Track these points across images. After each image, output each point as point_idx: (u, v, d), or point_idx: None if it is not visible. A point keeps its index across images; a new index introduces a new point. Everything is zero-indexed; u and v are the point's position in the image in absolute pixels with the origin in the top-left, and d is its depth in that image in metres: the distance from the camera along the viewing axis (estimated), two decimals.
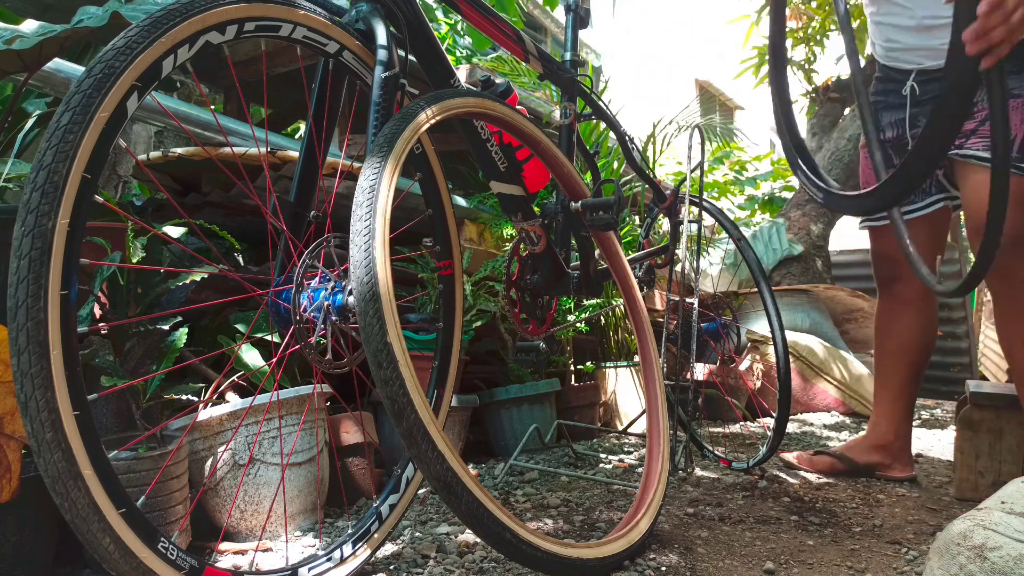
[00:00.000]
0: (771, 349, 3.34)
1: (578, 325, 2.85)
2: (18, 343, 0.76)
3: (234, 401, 1.51)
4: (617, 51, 12.53)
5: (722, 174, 6.13)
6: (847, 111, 4.73)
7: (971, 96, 1.07)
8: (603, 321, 3.13)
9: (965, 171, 1.48)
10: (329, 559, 1.14)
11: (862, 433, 2.11)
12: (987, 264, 1.09)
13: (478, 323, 2.35)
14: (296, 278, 1.05)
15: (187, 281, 1.46)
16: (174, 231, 1.54)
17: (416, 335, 2.10)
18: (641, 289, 1.97)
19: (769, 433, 2.06)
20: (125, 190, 2.57)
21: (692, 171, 2.13)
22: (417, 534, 1.43)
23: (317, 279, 1.07)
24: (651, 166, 3.12)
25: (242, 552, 1.37)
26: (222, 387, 1.52)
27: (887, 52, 1.59)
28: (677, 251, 2.14)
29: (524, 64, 1.81)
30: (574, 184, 1.49)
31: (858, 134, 4.54)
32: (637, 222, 3.35)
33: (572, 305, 2.73)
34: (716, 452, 2.24)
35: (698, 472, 2.04)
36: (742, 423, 3.14)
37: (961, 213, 1.65)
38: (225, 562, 1.33)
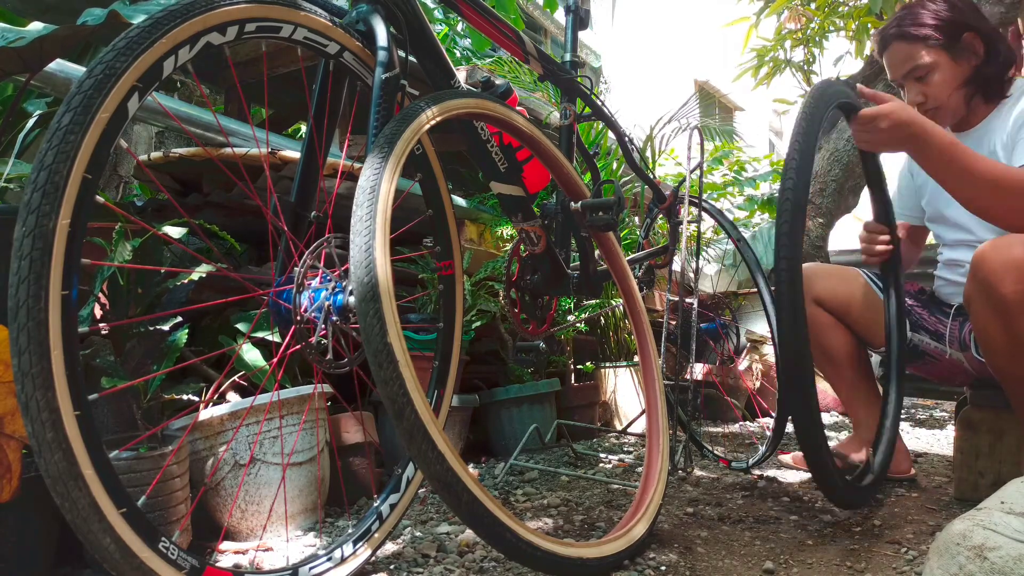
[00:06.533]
0: (770, 349, 3.34)
1: (578, 325, 2.85)
2: (19, 343, 0.76)
3: (235, 401, 1.52)
4: (617, 52, 12.53)
5: (721, 175, 6.11)
6: None
7: None
8: (603, 321, 3.13)
9: None
10: (330, 558, 1.14)
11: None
12: None
13: (478, 323, 2.35)
14: (297, 278, 1.06)
15: (187, 280, 1.46)
16: (175, 231, 1.54)
17: (416, 335, 2.10)
18: (641, 289, 1.97)
19: (768, 433, 2.06)
20: (126, 190, 2.57)
21: (692, 172, 2.14)
22: (417, 533, 1.43)
23: (318, 279, 1.07)
24: (651, 167, 3.13)
25: (243, 552, 1.38)
26: (223, 387, 1.52)
27: (939, 288, 1.91)
28: (676, 252, 2.14)
29: (524, 65, 1.82)
30: (574, 185, 1.49)
31: None
32: (637, 223, 3.35)
33: (572, 305, 2.74)
34: (716, 452, 2.24)
35: (698, 472, 2.05)
36: (741, 423, 3.15)
37: None
38: (226, 561, 1.34)
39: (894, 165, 2.07)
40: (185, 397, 1.44)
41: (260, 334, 1.64)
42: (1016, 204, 1.45)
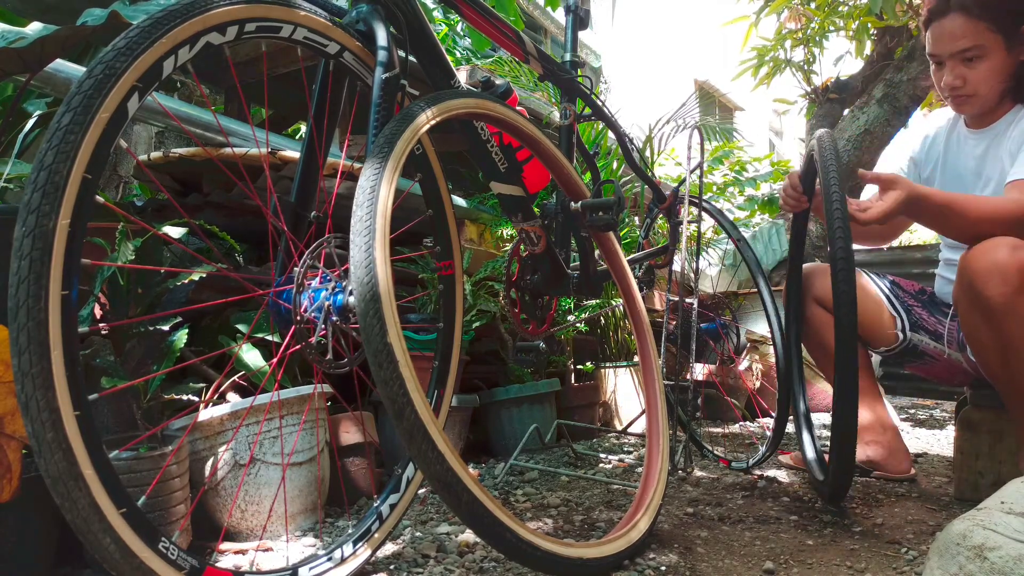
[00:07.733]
0: (770, 349, 3.34)
1: (578, 325, 2.85)
2: (19, 343, 0.76)
3: (235, 401, 1.52)
4: (617, 52, 12.54)
5: (721, 175, 6.11)
6: (846, 112, 4.72)
7: None
8: (603, 321, 3.13)
9: None
10: (329, 559, 1.14)
11: None
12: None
13: (478, 323, 2.35)
14: (297, 278, 1.06)
15: (187, 280, 1.46)
16: (175, 231, 1.54)
17: (416, 335, 2.10)
18: (641, 289, 1.97)
19: (768, 433, 2.06)
20: (126, 190, 2.57)
21: (692, 171, 2.14)
22: (417, 534, 1.43)
23: (318, 279, 1.07)
24: (650, 167, 3.13)
25: (243, 552, 1.38)
26: (223, 387, 1.52)
27: (938, 288, 1.91)
28: (676, 251, 2.14)
29: (524, 65, 1.82)
30: (574, 185, 1.50)
31: (858, 135, 4.54)
32: (637, 223, 3.35)
33: (572, 305, 2.74)
34: (716, 452, 2.24)
35: (698, 472, 2.05)
36: (741, 423, 3.15)
37: None
38: (226, 562, 1.34)
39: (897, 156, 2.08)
40: (185, 397, 1.44)
41: (260, 334, 1.64)
42: (1017, 232, 1.45)
